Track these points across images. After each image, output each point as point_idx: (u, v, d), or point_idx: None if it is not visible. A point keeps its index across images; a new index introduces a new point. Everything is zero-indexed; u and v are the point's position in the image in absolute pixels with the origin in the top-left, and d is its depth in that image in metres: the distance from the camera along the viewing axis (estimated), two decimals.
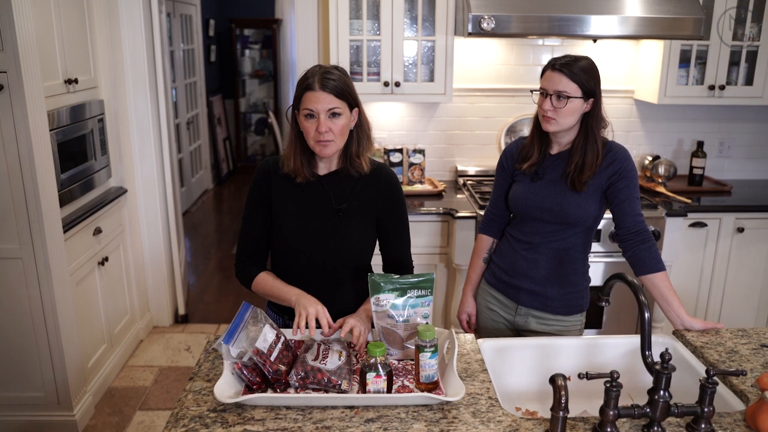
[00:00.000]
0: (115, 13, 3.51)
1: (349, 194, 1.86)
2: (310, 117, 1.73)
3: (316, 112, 1.71)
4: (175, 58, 6.17)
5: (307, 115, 1.73)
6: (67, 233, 2.89)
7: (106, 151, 3.47)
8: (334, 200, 1.85)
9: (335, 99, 1.72)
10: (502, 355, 1.86)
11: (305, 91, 1.73)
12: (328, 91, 1.71)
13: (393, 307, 1.65)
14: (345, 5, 3.19)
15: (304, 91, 1.73)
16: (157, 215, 3.86)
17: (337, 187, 1.86)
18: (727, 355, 1.76)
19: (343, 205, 1.85)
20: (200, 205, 7.02)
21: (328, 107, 1.71)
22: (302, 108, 1.74)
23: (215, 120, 7.85)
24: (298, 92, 1.75)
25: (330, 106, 1.71)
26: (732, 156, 3.93)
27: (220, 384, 1.47)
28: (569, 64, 1.96)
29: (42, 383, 2.86)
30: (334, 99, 1.72)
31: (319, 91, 1.71)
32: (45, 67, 2.77)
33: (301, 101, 1.74)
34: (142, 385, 3.38)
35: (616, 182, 2.00)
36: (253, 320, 1.59)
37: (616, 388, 1.35)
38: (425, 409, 1.46)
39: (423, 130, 3.74)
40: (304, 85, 1.73)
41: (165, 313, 4.06)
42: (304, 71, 1.79)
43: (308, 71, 1.77)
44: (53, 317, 2.76)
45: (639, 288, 1.49)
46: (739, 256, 3.43)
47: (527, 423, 1.43)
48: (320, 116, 1.72)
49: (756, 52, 3.44)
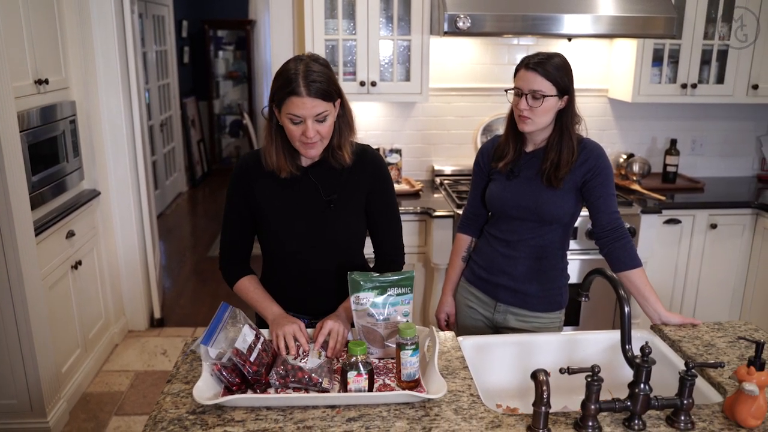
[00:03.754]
0: (86, 13, 3.45)
1: (337, 184, 1.82)
2: (294, 122, 1.65)
3: (302, 118, 1.64)
4: (147, 59, 6.09)
5: (292, 120, 1.65)
6: (39, 236, 2.84)
7: (79, 153, 3.41)
8: (322, 192, 1.82)
9: (322, 103, 1.63)
10: (483, 353, 1.86)
11: (289, 96, 1.61)
12: (314, 96, 1.61)
13: (373, 306, 1.64)
14: (320, 5, 3.18)
15: (288, 96, 1.62)
16: (131, 218, 3.81)
17: (323, 178, 1.81)
18: (704, 348, 1.78)
19: (332, 196, 1.81)
20: (175, 208, 6.94)
21: (316, 113, 1.63)
22: (287, 112, 1.64)
23: (189, 122, 7.77)
24: (281, 94, 1.64)
25: (317, 111, 1.63)
26: (704, 153, 4.00)
27: (199, 385, 1.45)
28: (543, 62, 1.97)
29: (15, 390, 2.80)
30: (321, 103, 1.63)
31: (305, 97, 1.61)
32: (14, 68, 2.71)
33: (285, 105, 1.63)
34: (117, 390, 3.33)
35: (591, 180, 2.01)
36: (231, 321, 1.57)
37: (597, 382, 1.36)
38: (407, 407, 1.45)
39: (399, 130, 3.74)
40: (288, 89, 1.61)
41: (140, 317, 4.00)
42: (284, 65, 1.67)
43: (290, 69, 1.64)
44: (25, 322, 2.70)
45: (618, 283, 1.50)
46: (713, 251, 3.48)
47: (509, 419, 1.43)
48: (307, 122, 1.63)
49: (726, 51, 3.50)
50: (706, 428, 1.41)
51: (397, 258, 1.95)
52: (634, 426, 1.40)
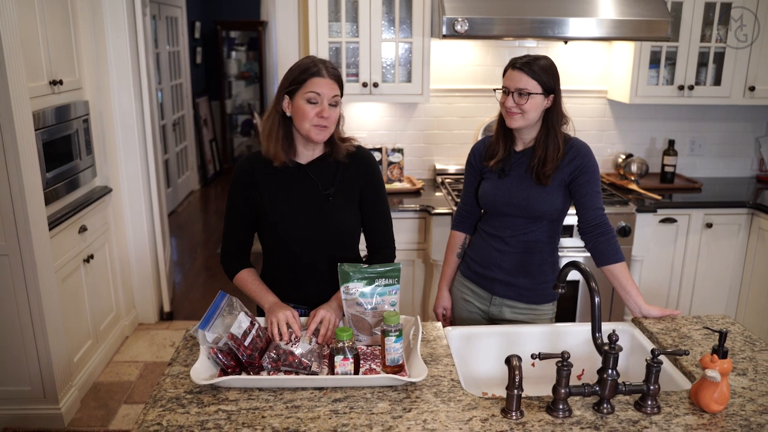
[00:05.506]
0: (99, 16, 3.58)
1: (333, 179, 1.95)
2: (312, 102, 1.81)
3: (322, 96, 1.81)
4: (160, 60, 6.23)
5: (309, 99, 1.81)
6: (53, 230, 2.96)
7: (91, 151, 3.54)
8: (321, 187, 1.94)
9: (337, 87, 1.85)
10: (470, 343, 1.95)
11: (312, 77, 1.81)
12: (333, 79, 1.84)
13: (362, 296, 1.73)
14: (324, 8, 3.28)
15: (312, 76, 1.81)
16: (142, 214, 3.93)
17: (321, 173, 1.95)
18: (680, 339, 1.86)
19: (330, 190, 1.94)
20: (186, 206, 7.09)
21: (333, 94, 1.83)
22: (307, 91, 1.81)
23: (201, 121, 7.91)
24: (303, 77, 1.82)
25: (334, 93, 1.84)
26: (703, 154, 4.05)
27: (197, 367, 1.55)
28: (529, 63, 2.06)
29: (28, 377, 2.93)
30: (336, 87, 1.85)
31: (327, 77, 1.82)
32: (30, 69, 2.84)
33: (306, 85, 1.81)
34: (127, 380, 3.45)
35: (578, 177, 2.10)
36: (228, 308, 1.67)
37: (566, 367, 1.45)
38: (390, 390, 1.55)
39: (402, 130, 3.84)
40: (312, 71, 1.82)
41: (150, 311, 4.12)
42: (300, 61, 1.88)
43: (308, 60, 1.86)
44: (39, 312, 2.83)
45: (590, 275, 1.58)
46: (708, 250, 3.54)
47: (485, 402, 1.52)
48: (324, 101, 1.82)
49: (723, 53, 3.56)
50: (672, 413, 1.49)
51: (388, 251, 2.05)
52: (603, 410, 1.49)
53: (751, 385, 1.62)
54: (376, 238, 2.06)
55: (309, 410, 1.46)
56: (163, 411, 1.46)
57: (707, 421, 1.46)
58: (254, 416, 1.44)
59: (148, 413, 1.45)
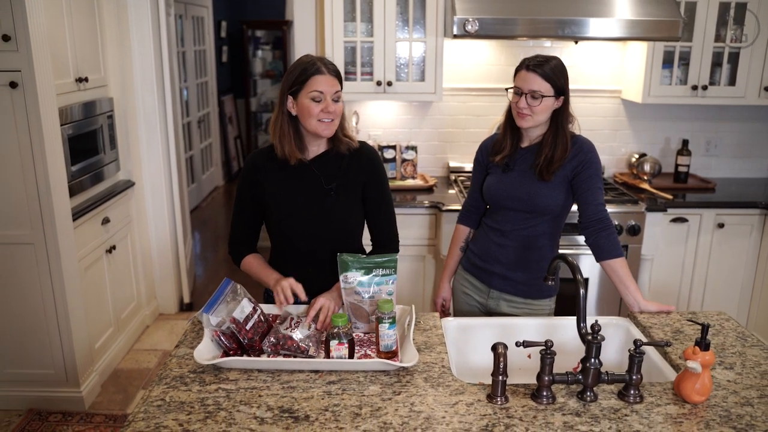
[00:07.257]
0: (124, 15, 3.71)
1: (336, 174, 2.02)
2: (316, 99, 1.89)
3: (325, 93, 1.88)
4: (186, 58, 6.38)
5: (313, 98, 1.88)
6: (77, 221, 3.09)
7: (115, 146, 3.67)
8: (324, 181, 2.01)
9: (337, 83, 1.92)
10: (466, 334, 2.01)
11: (314, 75, 1.88)
12: (333, 75, 1.91)
13: (360, 285, 1.81)
14: (339, 8, 3.36)
15: (313, 75, 1.88)
16: (163, 208, 4.06)
17: (324, 168, 2.02)
18: (673, 334, 1.90)
19: (332, 185, 2.01)
20: (210, 201, 7.24)
21: (334, 90, 1.90)
22: (310, 90, 1.88)
23: (226, 119, 8.06)
24: (304, 76, 1.89)
25: (335, 89, 1.90)
26: (719, 155, 4.05)
27: (200, 349, 1.65)
28: (541, 64, 2.11)
29: (51, 361, 3.07)
30: (337, 83, 1.92)
31: (327, 74, 1.89)
32: (57, 67, 2.97)
33: (308, 84, 1.88)
34: (146, 367, 3.58)
35: (580, 173, 2.14)
36: (232, 294, 1.76)
37: (550, 356, 1.51)
38: (382, 374, 1.62)
39: (417, 128, 3.90)
40: (312, 70, 1.88)
41: (171, 301, 4.25)
42: (297, 61, 1.95)
43: (305, 59, 1.92)
44: (62, 299, 2.96)
45: (576, 268, 1.63)
46: (720, 250, 3.54)
47: (472, 387, 1.58)
48: (327, 98, 1.88)
49: (738, 53, 3.56)
50: (654, 402, 1.54)
51: (391, 245, 2.12)
52: (587, 397, 1.54)
53: (736, 378, 1.66)
54: (379, 234, 2.12)
55: (304, 391, 1.54)
56: (167, 388, 1.55)
57: (687, 411, 1.51)
58: (252, 395, 1.52)
59: (153, 390, 1.55)
